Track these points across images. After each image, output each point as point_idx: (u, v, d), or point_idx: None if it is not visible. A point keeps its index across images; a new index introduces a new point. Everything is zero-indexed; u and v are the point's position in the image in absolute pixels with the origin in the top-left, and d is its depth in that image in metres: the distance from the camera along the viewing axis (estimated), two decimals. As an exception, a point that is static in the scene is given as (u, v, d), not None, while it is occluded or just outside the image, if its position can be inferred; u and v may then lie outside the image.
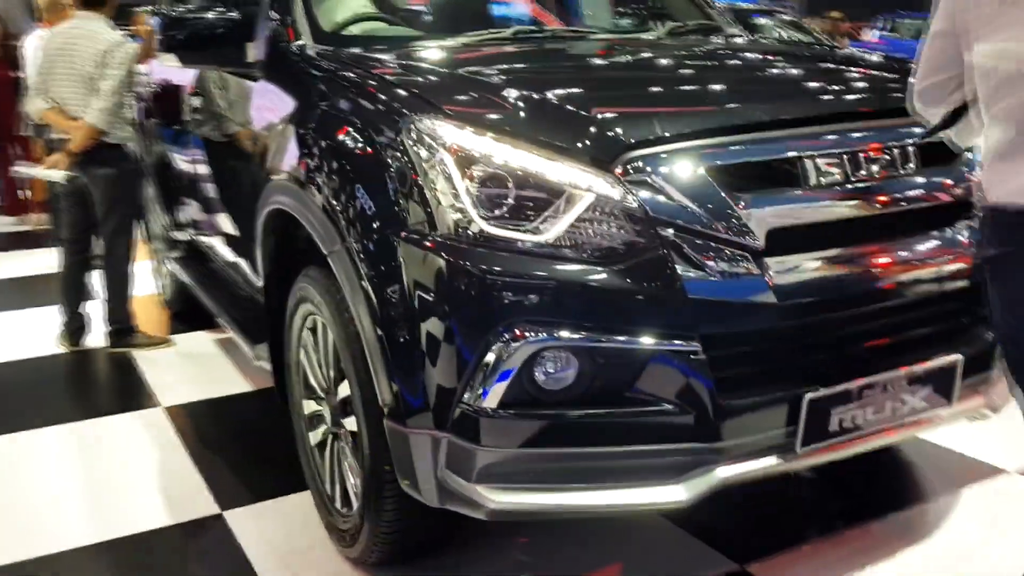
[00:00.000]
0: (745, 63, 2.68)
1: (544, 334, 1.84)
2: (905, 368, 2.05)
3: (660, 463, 1.92)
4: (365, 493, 2.25)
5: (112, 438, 3.39)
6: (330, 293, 2.27)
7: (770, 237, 1.89)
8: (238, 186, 3.10)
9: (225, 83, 3.17)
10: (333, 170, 2.16)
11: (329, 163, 2.19)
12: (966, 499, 2.72)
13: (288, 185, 2.38)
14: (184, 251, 4.42)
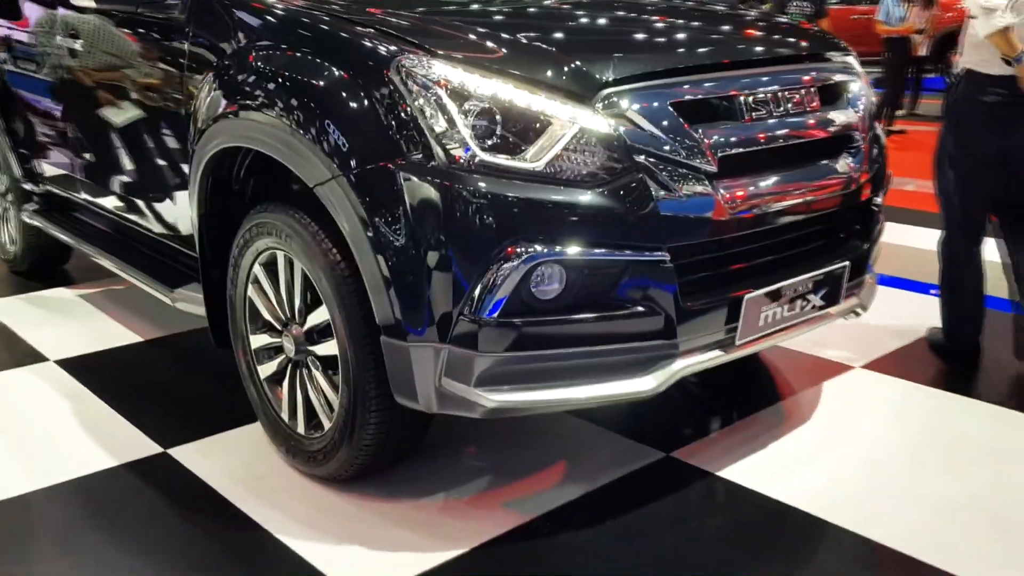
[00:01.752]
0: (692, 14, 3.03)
1: (539, 250, 2.09)
2: (811, 272, 2.49)
3: (631, 359, 2.24)
4: (346, 411, 2.41)
5: (10, 393, 3.28)
6: (302, 225, 2.40)
7: (720, 162, 2.25)
8: (154, 132, 3.07)
9: (130, 26, 3.10)
10: (318, 107, 2.28)
11: (312, 100, 2.30)
12: (827, 390, 3.26)
13: (254, 123, 2.46)
14: (41, 204, 4.24)
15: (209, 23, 2.75)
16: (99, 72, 3.34)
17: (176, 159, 2.96)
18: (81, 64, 3.45)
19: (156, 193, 3.19)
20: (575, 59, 2.24)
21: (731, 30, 2.81)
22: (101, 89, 3.37)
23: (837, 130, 2.57)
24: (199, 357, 3.64)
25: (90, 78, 3.42)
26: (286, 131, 2.33)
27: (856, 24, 13.24)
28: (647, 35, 2.69)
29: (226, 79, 2.60)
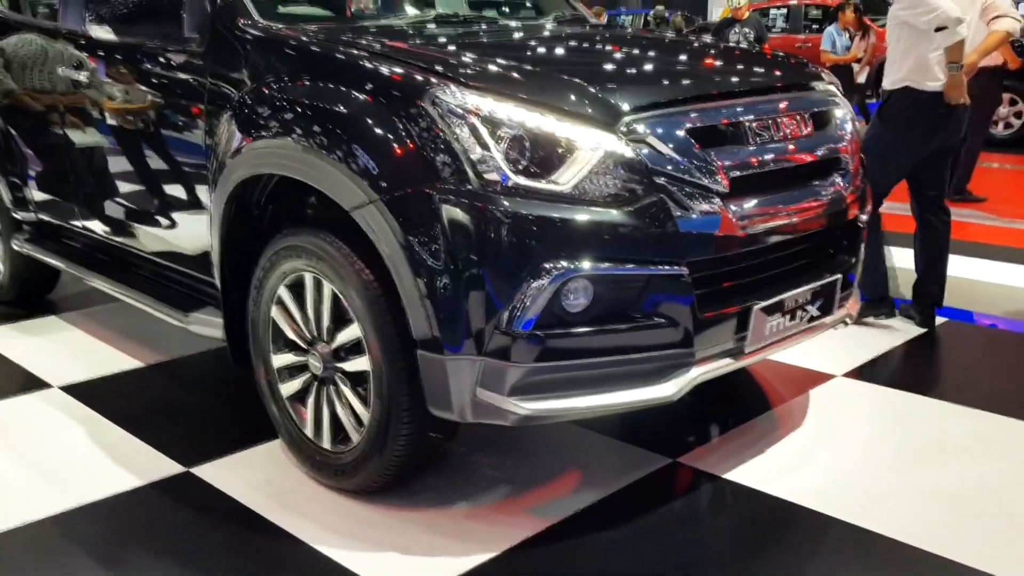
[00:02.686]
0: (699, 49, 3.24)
1: (569, 267, 2.24)
2: (810, 284, 2.68)
3: (651, 368, 2.40)
4: (378, 424, 2.52)
5: (20, 418, 3.31)
6: (334, 247, 2.51)
7: (731, 183, 2.43)
8: (168, 162, 3.16)
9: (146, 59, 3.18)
10: (354, 136, 2.40)
11: (348, 129, 2.42)
12: (813, 398, 3.46)
13: (286, 152, 2.57)
14: (33, 233, 4.26)
15: (230, 57, 2.85)
16: (108, 103, 3.40)
17: (191, 187, 3.06)
18: (87, 95, 3.51)
19: (169, 221, 3.26)
20: (599, 89, 2.41)
21: (734, 63, 3.02)
22: (110, 120, 3.42)
23: (829, 153, 2.78)
24: (202, 380, 3.71)
25: (97, 109, 3.48)
26: (321, 159, 2.44)
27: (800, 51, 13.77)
28: (662, 67, 2.88)
29: (252, 110, 2.70)
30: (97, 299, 4.62)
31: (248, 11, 2.89)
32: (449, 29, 3.16)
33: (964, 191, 7.53)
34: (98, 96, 3.45)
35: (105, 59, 3.42)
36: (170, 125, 3.11)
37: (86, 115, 3.56)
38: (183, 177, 3.11)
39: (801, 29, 15.26)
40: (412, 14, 3.48)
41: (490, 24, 3.41)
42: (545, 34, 3.31)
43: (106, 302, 4.57)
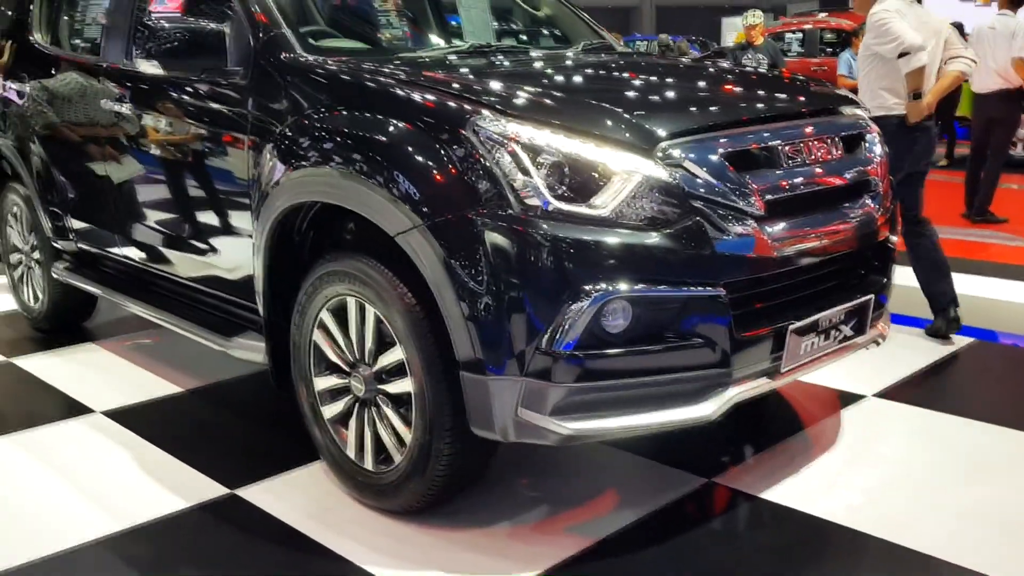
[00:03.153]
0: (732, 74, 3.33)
1: (609, 288, 2.30)
2: (843, 305, 2.73)
3: (689, 388, 2.44)
4: (421, 444, 2.57)
5: (66, 444, 3.38)
6: (377, 271, 2.58)
7: (766, 205, 2.48)
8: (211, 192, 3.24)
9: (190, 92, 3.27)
10: (397, 164, 2.47)
11: (392, 158, 2.49)
12: (845, 418, 3.48)
13: (330, 180, 2.64)
14: (72, 261, 4.36)
15: (273, 89, 2.93)
16: (151, 135, 3.49)
17: (234, 216, 3.13)
18: (129, 127, 3.60)
19: (211, 249, 3.34)
20: (635, 115, 2.48)
21: (767, 88, 3.08)
22: (153, 151, 3.52)
23: (859, 175, 2.83)
24: (241, 403, 3.78)
25: (139, 141, 3.58)
26: (366, 186, 2.52)
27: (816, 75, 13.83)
28: (696, 93, 2.96)
29: (296, 140, 2.78)
30: (132, 326, 4.72)
31: (291, 45, 2.98)
32: (484, 59, 3.24)
33: (986, 212, 7.55)
34: (140, 128, 3.55)
35: (148, 92, 3.52)
36: (213, 155, 3.19)
37: (128, 147, 3.66)
38: (226, 206, 3.19)
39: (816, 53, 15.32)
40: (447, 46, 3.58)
41: (523, 53, 3.49)
42: (577, 62, 3.39)
43: (141, 329, 4.66)
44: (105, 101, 3.73)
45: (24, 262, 4.74)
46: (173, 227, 3.54)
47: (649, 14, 44.00)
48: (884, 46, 4.17)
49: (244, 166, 3.01)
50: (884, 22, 4.17)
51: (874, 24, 4.26)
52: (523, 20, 4.48)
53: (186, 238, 3.48)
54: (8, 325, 4.88)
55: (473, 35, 3.99)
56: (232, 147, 3.08)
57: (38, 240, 4.51)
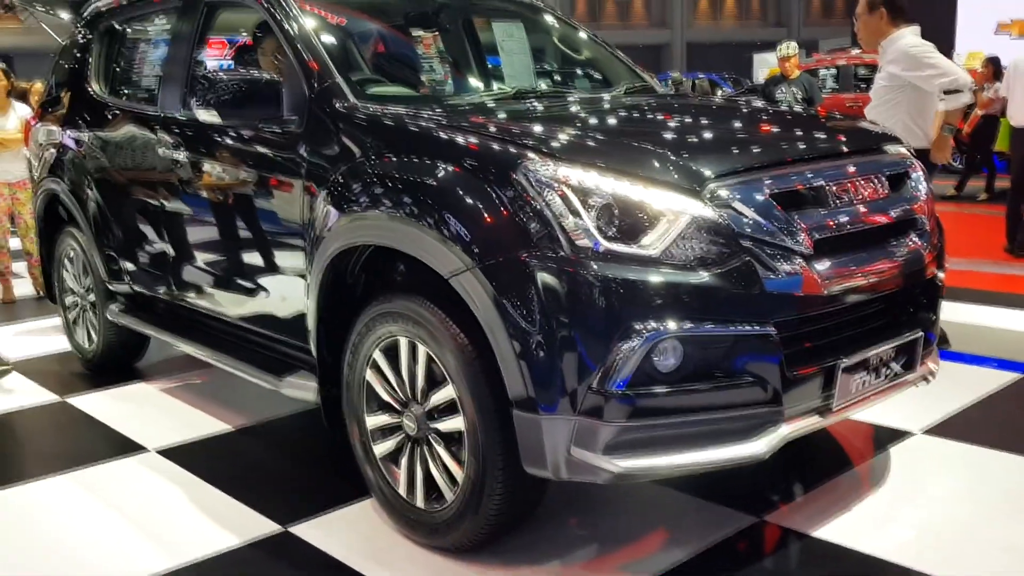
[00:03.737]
0: (773, 114, 3.37)
1: (660, 328, 2.33)
2: (893, 342, 2.73)
3: (741, 426, 2.46)
4: (473, 482, 2.61)
5: (121, 481, 3.45)
6: (430, 312, 2.64)
7: (815, 244, 2.51)
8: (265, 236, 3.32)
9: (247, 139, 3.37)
10: (450, 208, 2.54)
11: (445, 202, 2.56)
12: (894, 455, 3.46)
13: (384, 224, 2.72)
14: (126, 303, 4.47)
15: (327, 136, 3.02)
16: (206, 181, 3.60)
17: (287, 258, 3.21)
18: (185, 173, 3.71)
19: (264, 291, 3.41)
20: (682, 156, 2.53)
21: (811, 128, 3.12)
22: (208, 197, 3.61)
23: (905, 213, 2.85)
24: (291, 441, 3.84)
25: (194, 187, 3.68)
26: (420, 230, 2.58)
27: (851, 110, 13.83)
28: (741, 133, 3.00)
29: (350, 185, 2.85)
30: (181, 365, 4.82)
31: (344, 93, 3.07)
32: (530, 103, 3.31)
33: (1030, 248, 7.49)
34: (196, 174, 3.66)
35: (204, 140, 3.63)
36: (268, 200, 3.28)
37: (183, 192, 3.76)
38: (280, 249, 3.27)
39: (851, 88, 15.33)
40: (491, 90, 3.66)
41: (567, 97, 3.57)
42: (621, 104, 3.45)
43: (191, 368, 4.76)
44: (161, 149, 3.85)
45: (79, 304, 4.87)
46: (228, 270, 3.63)
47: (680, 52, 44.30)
48: (929, 80, 4.17)
49: (299, 211, 3.10)
50: (927, 54, 4.21)
51: (911, 55, 4.29)
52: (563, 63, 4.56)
53: (241, 280, 3.56)
54: (62, 365, 5.00)
55: (514, 79, 4.07)
56: (287, 192, 3.16)
57: (93, 283, 4.63)
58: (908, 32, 4.40)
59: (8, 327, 5.97)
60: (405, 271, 2.95)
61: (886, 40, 4.48)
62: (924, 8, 6.07)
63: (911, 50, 4.33)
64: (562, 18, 4.46)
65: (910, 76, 4.27)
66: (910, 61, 4.30)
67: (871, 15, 4.54)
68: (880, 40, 4.53)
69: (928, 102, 4.24)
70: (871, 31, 4.58)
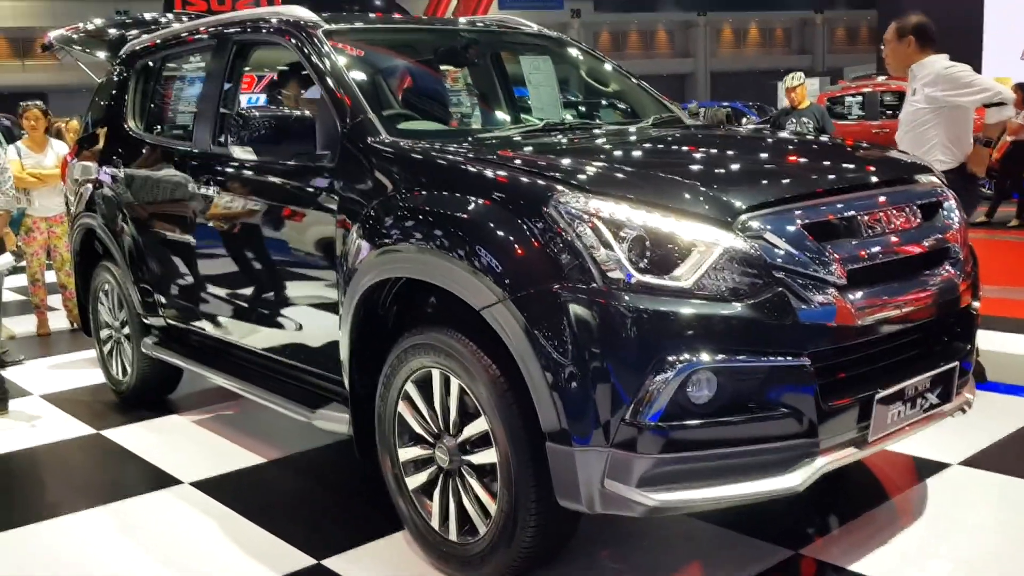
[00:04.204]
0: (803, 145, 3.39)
1: (693, 359, 2.33)
2: (928, 372, 2.71)
3: (776, 458, 2.44)
4: (506, 515, 2.60)
5: (156, 514, 3.48)
6: (462, 344, 2.65)
7: (848, 275, 2.50)
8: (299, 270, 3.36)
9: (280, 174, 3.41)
10: (482, 241, 2.56)
11: (477, 235, 2.58)
12: (931, 487, 3.41)
13: (415, 257, 2.75)
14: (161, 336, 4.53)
15: (359, 171, 3.06)
16: (241, 216, 3.65)
17: (320, 292, 3.23)
18: (219, 208, 3.77)
19: (296, 323, 3.45)
20: (714, 188, 2.54)
21: (842, 158, 3.12)
22: (243, 231, 3.65)
23: (939, 243, 2.83)
24: (323, 473, 3.85)
25: (229, 221, 3.73)
26: (453, 263, 2.60)
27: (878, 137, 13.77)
28: (773, 164, 3.01)
29: (384, 219, 2.88)
30: (214, 398, 4.86)
31: (376, 129, 3.12)
32: (559, 137, 3.34)
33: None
34: (230, 209, 3.71)
35: (238, 176, 3.69)
36: (302, 235, 3.32)
37: (217, 227, 3.81)
38: (313, 282, 3.29)
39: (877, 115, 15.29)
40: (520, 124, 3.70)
41: (596, 129, 3.59)
42: (651, 137, 3.47)
43: (223, 400, 4.80)
44: (195, 185, 3.91)
45: (113, 337, 4.93)
46: (262, 303, 3.67)
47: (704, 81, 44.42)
48: (969, 96, 4.24)
49: (332, 244, 3.13)
50: (966, 73, 4.30)
51: (950, 76, 4.32)
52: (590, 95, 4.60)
53: (274, 313, 3.60)
54: (96, 397, 5.06)
55: (542, 112, 4.11)
56: (320, 226, 3.19)
57: (128, 316, 4.70)
58: (939, 58, 4.42)
59: (43, 360, 6.05)
60: (437, 303, 2.97)
61: (917, 64, 4.49)
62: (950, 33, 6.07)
63: (949, 71, 4.35)
64: (589, 51, 4.50)
65: (952, 95, 4.29)
66: (950, 82, 4.32)
67: (900, 42, 4.56)
68: (907, 66, 4.55)
69: (965, 121, 4.27)
70: (899, 58, 4.59)
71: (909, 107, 4.53)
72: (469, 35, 4.30)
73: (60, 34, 5.39)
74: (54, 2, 35.30)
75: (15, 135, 10.67)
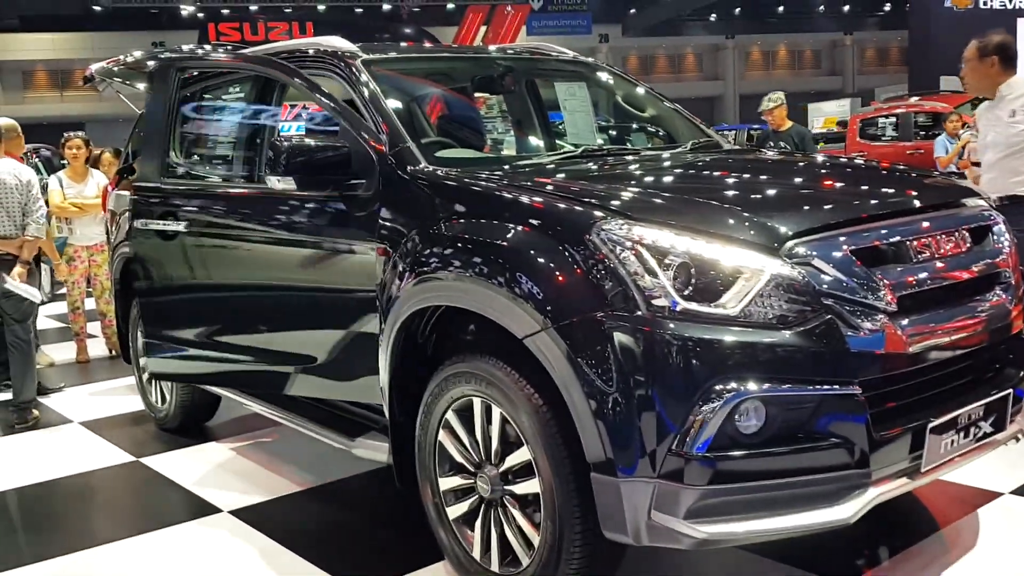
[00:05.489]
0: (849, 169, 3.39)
1: (741, 389, 2.29)
2: (981, 400, 2.64)
3: (827, 489, 2.38)
4: (550, 546, 2.56)
5: (196, 544, 3.48)
6: (504, 372, 2.63)
7: (898, 301, 2.45)
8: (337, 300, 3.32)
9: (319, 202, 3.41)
10: (525, 269, 2.54)
11: (520, 263, 2.56)
12: (982, 517, 3.33)
13: (457, 285, 2.73)
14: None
15: (399, 200, 3.06)
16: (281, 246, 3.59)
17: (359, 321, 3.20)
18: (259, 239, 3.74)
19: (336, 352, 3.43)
20: (759, 214, 2.51)
21: (889, 182, 3.08)
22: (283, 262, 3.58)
23: (990, 267, 2.77)
24: (362, 502, 3.84)
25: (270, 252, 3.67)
26: (495, 291, 2.58)
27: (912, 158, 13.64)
28: (818, 189, 2.98)
29: (424, 248, 2.87)
30: (251, 425, 4.87)
31: (415, 158, 3.12)
32: (598, 163, 3.32)
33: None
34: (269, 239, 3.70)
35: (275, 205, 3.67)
36: (341, 264, 3.27)
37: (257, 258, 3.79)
38: (353, 311, 3.26)
39: (911, 137, 15.16)
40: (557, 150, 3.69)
41: (634, 155, 3.57)
42: (690, 162, 3.45)
43: (260, 427, 4.81)
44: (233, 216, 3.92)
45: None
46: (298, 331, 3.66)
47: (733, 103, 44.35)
48: None
49: (371, 273, 3.11)
50: None
51: None
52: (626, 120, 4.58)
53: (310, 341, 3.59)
54: (135, 424, 5.09)
55: (578, 138, 4.10)
56: (360, 256, 3.16)
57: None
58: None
59: (83, 387, 6.11)
60: (477, 332, 2.96)
61: (1005, 85, 4.41)
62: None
63: None
64: (623, 75, 4.50)
65: None
66: None
67: (982, 62, 4.48)
68: (989, 86, 4.47)
69: None
70: (980, 77, 4.51)
71: (1006, 129, 4.38)
72: (505, 62, 4.32)
73: (101, 67, 5.48)
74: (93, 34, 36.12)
75: (55, 165, 10.88)
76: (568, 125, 4.17)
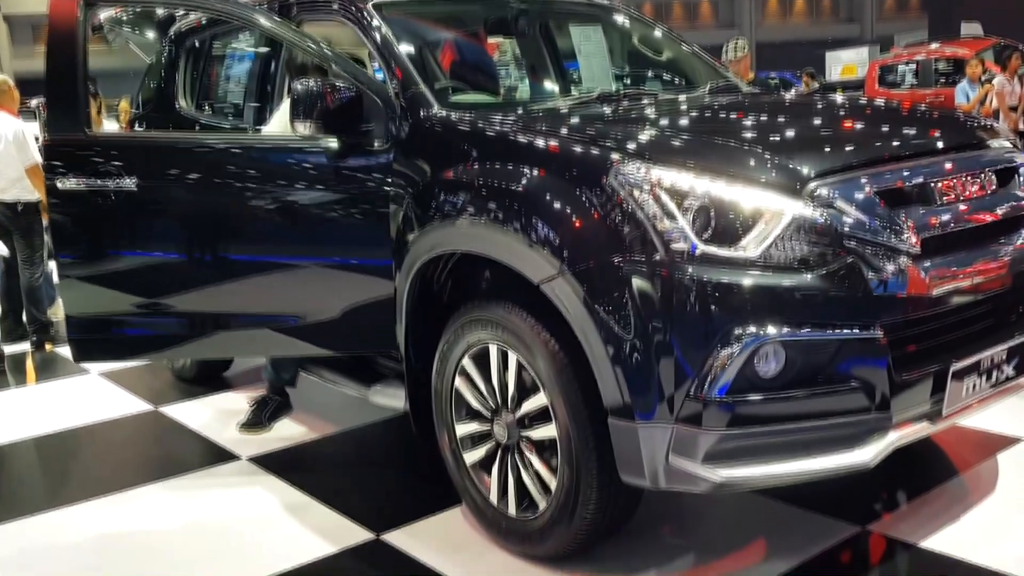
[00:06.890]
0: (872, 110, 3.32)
1: (760, 332, 2.26)
2: (1005, 344, 2.61)
3: (847, 433, 2.36)
4: (567, 491, 2.57)
5: (215, 489, 3.51)
6: (520, 318, 2.61)
7: (922, 243, 2.41)
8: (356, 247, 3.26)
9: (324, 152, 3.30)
10: (542, 214, 2.50)
11: (537, 208, 2.52)
12: (1001, 462, 3.31)
13: (475, 231, 2.70)
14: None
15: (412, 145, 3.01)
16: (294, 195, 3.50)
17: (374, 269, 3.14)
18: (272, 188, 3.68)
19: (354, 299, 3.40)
20: (780, 155, 2.45)
21: (910, 123, 3.01)
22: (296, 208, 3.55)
23: (1015, 210, 2.72)
24: (379, 448, 3.87)
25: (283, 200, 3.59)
26: (512, 237, 2.55)
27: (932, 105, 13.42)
28: (839, 130, 2.92)
29: (441, 194, 2.83)
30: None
31: (429, 102, 3.06)
32: (615, 106, 3.25)
33: None
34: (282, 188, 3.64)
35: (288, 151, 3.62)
36: (356, 213, 3.20)
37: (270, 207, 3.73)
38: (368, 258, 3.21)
39: (932, 83, 14.90)
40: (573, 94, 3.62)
41: (652, 98, 3.51)
42: (709, 104, 3.39)
43: (278, 377, 4.81)
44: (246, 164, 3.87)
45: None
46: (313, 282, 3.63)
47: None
48: None
49: (386, 220, 3.08)
50: None
51: None
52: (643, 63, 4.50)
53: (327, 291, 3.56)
54: (153, 375, 5.12)
55: (594, 81, 4.02)
56: (375, 204, 3.11)
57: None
58: None
59: (100, 338, 6.13)
60: (493, 278, 2.93)
61: None
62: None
63: None
64: (640, 17, 4.40)
65: None
66: None
67: None
68: None
69: None
70: None
71: None
72: (519, 5, 4.23)
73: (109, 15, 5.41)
74: (100, -14, 35.72)
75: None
76: (583, 69, 4.08)
